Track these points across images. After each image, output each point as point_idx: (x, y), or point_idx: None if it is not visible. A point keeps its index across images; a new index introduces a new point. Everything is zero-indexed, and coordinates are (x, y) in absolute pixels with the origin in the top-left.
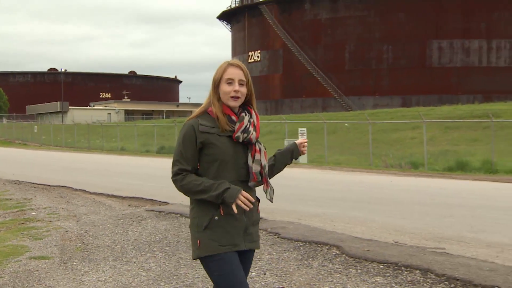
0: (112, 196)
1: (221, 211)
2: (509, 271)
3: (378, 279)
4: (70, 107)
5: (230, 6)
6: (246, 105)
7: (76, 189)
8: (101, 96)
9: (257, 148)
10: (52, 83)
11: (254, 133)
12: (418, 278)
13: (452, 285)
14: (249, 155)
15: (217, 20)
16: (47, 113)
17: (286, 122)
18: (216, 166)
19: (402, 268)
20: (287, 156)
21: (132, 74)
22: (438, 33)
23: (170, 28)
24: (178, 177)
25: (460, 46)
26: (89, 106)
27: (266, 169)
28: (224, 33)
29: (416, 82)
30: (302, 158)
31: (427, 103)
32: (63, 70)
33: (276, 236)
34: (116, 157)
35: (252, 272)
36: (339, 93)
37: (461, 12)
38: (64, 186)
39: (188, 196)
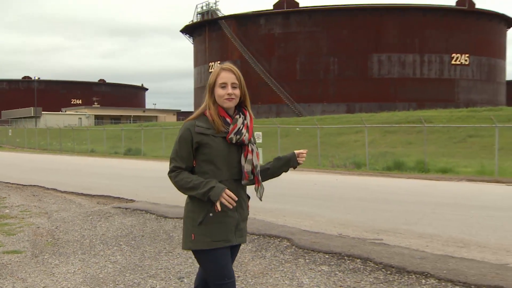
0: (82, 194)
1: (216, 208)
2: (437, 258)
3: (323, 268)
4: (43, 112)
5: (192, 20)
6: (241, 107)
7: (48, 188)
8: (72, 102)
9: (250, 148)
10: (26, 90)
11: (246, 134)
12: (359, 266)
13: (388, 272)
14: (242, 155)
15: (180, 33)
16: (21, 117)
17: None
18: (210, 165)
19: (345, 257)
20: (283, 163)
21: (102, 82)
22: (378, 48)
23: (137, 40)
24: (173, 174)
25: (397, 59)
26: (61, 112)
27: (258, 168)
28: (186, 45)
29: (359, 91)
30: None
31: (368, 110)
32: (36, 78)
33: None
34: (86, 158)
35: None
36: (291, 100)
37: (398, 29)
38: (37, 186)
39: (181, 192)
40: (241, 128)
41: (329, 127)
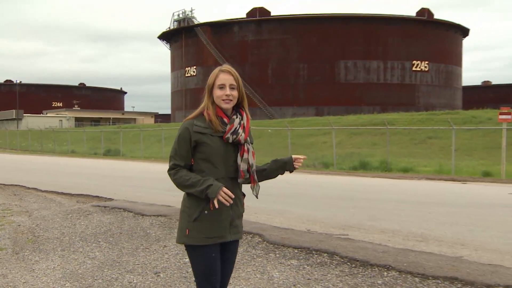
0: (62, 193)
1: (211, 206)
2: (398, 252)
3: (293, 262)
4: (24, 114)
5: (169, 27)
6: (238, 108)
7: (29, 188)
8: (53, 105)
9: (246, 148)
10: (8, 93)
11: (243, 134)
12: (326, 260)
13: (353, 265)
14: (238, 154)
15: (158, 39)
16: (3, 120)
17: None
18: (208, 163)
19: (313, 252)
20: (280, 166)
21: (82, 86)
22: (344, 55)
23: (117, 46)
24: (172, 171)
25: (362, 65)
26: (42, 114)
27: (254, 167)
28: (164, 51)
29: (327, 95)
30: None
31: (336, 113)
32: (18, 81)
33: None
34: (66, 159)
35: (185, 258)
36: (263, 103)
37: (363, 38)
38: (18, 185)
39: (180, 189)
40: (237, 128)
41: (299, 129)
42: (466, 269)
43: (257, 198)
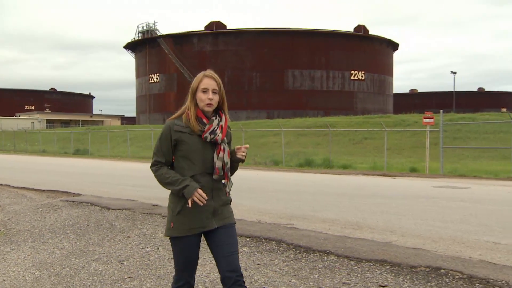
0: (33, 189)
1: (189, 204)
2: (337, 239)
3: (245, 249)
4: None
5: (134, 38)
6: (218, 110)
7: (1, 184)
8: (26, 108)
9: (222, 147)
10: None
11: (220, 134)
12: (274, 247)
13: (298, 251)
14: (215, 153)
15: (124, 49)
16: None
17: None
18: (187, 160)
19: (263, 240)
20: (234, 158)
21: (53, 91)
22: (292, 64)
23: (86, 54)
24: (154, 168)
25: (308, 74)
26: (15, 116)
27: (228, 165)
28: (129, 59)
29: (277, 100)
30: None
31: (284, 116)
32: None
33: None
34: (38, 157)
35: (147, 248)
36: None
37: (308, 50)
38: None
39: (161, 185)
40: (215, 128)
41: (252, 131)
42: (394, 252)
43: (229, 193)
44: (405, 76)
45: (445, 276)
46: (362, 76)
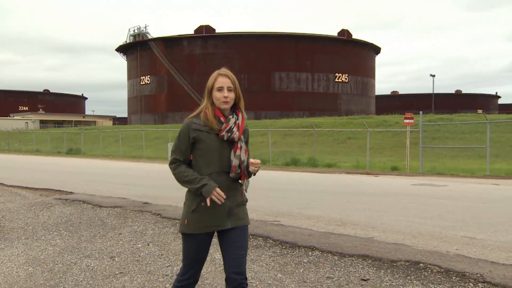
0: (26, 188)
1: (208, 202)
2: (321, 235)
3: None
4: None
5: (126, 41)
6: (235, 108)
7: None
8: (19, 109)
9: (239, 145)
10: None
11: (237, 133)
12: (261, 243)
13: (284, 247)
14: (232, 151)
15: (116, 52)
16: None
17: (169, 130)
18: (204, 158)
19: (250, 236)
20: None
21: (46, 92)
22: (279, 67)
23: (79, 56)
24: (173, 165)
25: (294, 77)
26: (9, 117)
27: (245, 163)
28: (121, 62)
29: (264, 101)
30: None
31: (271, 117)
32: None
33: (158, 216)
34: (31, 157)
35: (138, 244)
36: None
37: (294, 53)
38: None
39: (179, 183)
40: (232, 127)
41: None
42: (375, 247)
43: (246, 192)
44: (387, 78)
45: (424, 270)
46: (346, 79)
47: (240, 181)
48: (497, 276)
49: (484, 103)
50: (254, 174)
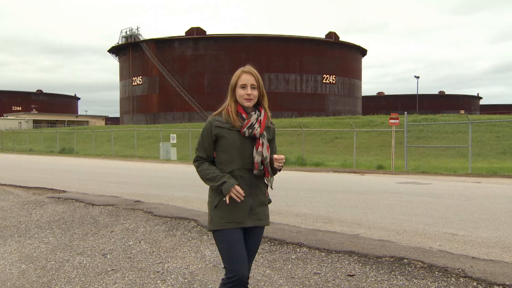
0: (19, 186)
1: (227, 199)
2: (309, 232)
3: None
4: None
5: (118, 43)
6: (258, 105)
7: None
8: (13, 109)
9: (261, 142)
10: None
11: (258, 129)
12: None
13: (272, 244)
14: (254, 147)
15: (108, 53)
16: None
17: (161, 130)
18: (226, 155)
19: None
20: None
21: (39, 92)
22: (268, 68)
23: (72, 57)
24: (196, 163)
25: (283, 78)
26: (3, 117)
27: (267, 160)
28: (113, 63)
29: None
30: (173, 155)
31: None
32: None
33: (150, 214)
34: (24, 156)
35: (130, 242)
36: (200, 109)
37: (283, 54)
38: None
39: (202, 180)
40: (254, 123)
41: None
42: (361, 244)
43: (272, 189)
44: (373, 80)
45: (407, 265)
46: (333, 80)
47: (265, 179)
48: (477, 271)
49: (466, 104)
50: (279, 170)
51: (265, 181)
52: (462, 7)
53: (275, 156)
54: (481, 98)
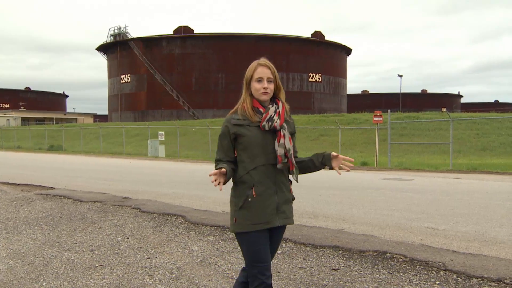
0: (7, 183)
1: (254, 193)
2: (294, 227)
3: (210, 238)
4: None
5: (106, 41)
6: (275, 98)
7: None
8: (1, 107)
9: (282, 133)
10: None
11: (278, 120)
12: None
13: None
14: (276, 140)
15: (96, 51)
16: None
17: (149, 127)
18: (248, 152)
19: (226, 229)
20: (319, 159)
21: (28, 90)
22: None
23: (61, 55)
24: (215, 165)
25: None
26: None
27: (291, 152)
28: (102, 61)
29: None
30: (161, 152)
31: None
32: None
33: (138, 210)
34: (13, 153)
35: (118, 238)
36: (188, 106)
37: (270, 53)
38: None
39: None
40: (273, 115)
41: (218, 128)
42: (345, 239)
43: (297, 182)
44: (358, 78)
45: (390, 259)
46: (319, 78)
47: (290, 175)
48: (457, 264)
49: (447, 102)
50: (330, 168)
51: (290, 176)
52: (446, 7)
53: (341, 156)
54: (462, 96)
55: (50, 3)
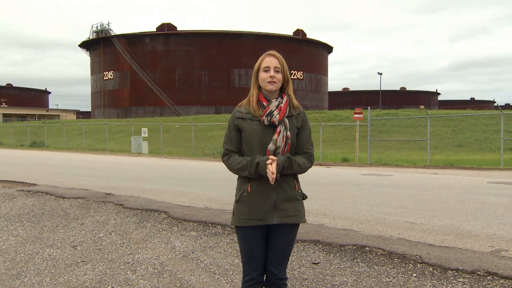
0: None
1: (249, 188)
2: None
3: (192, 233)
4: None
5: (89, 37)
6: (282, 92)
7: None
8: None
9: (278, 129)
10: None
11: (277, 116)
12: (219, 231)
13: None
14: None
15: (79, 47)
16: None
17: (132, 124)
18: (248, 146)
19: (209, 224)
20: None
21: (9, 86)
22: (237, 64)
23: (43, 52)
24: (225, 158)
25: (252, 73)
26: None
27: (279, 150)
28: (84, 57)
29: (224, 97)
30: (144, 149)
31: (231, 111)
32: None
33: (121, 207)
34: None
35: (100, 233)
36: (171, 103)
37: (252, 51)
38: None
39: (233, 173)
40: (273, 110)
41: (201, 125)
42: (326, 233)
43: (278, 181)
44: (339, 76)
45: (369, 253)
46: (301, 76)
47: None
48: (433, 257)
49: (425, 99)
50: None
51: (294, 177)
52: (426, 6)
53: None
54: (439, 94)
55: None
